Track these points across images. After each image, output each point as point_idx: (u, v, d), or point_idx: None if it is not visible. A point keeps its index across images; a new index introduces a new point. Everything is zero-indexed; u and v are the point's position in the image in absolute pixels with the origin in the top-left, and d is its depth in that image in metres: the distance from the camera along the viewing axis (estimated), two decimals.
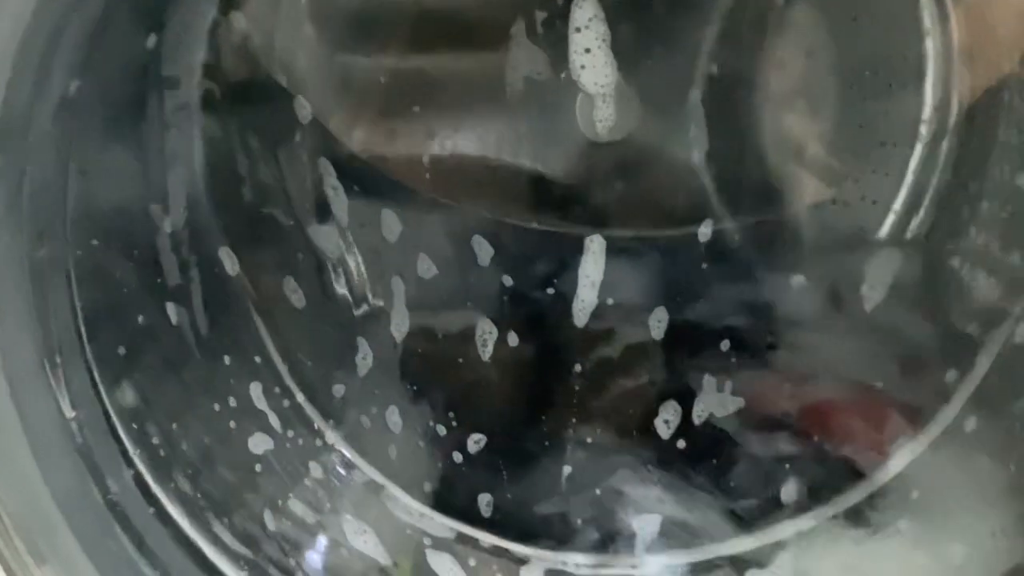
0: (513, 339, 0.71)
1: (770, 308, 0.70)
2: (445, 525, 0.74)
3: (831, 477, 0.69)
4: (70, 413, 0.56)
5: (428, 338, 0.72)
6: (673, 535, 0.71)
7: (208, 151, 0.66)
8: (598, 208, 0.69)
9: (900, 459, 0.68)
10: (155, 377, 0.63)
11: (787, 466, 0.70)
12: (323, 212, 0.71)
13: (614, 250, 0.69)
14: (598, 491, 0.72)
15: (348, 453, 0.73)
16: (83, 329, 0.58)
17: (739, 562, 0.70)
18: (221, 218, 0.68)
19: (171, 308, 0.64)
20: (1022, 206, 0.62)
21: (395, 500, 0.74)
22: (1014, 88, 0.61)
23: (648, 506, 0.72)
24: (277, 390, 0.72)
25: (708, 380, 0.70)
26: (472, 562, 0.72)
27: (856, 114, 0.65)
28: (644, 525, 0.73)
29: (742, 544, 0.70)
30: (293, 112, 0.67)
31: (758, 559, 0.70)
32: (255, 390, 0.70)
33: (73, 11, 0.49)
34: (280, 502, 0.69)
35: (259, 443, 0.69)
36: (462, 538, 0.73)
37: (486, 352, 0.71)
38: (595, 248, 0.68)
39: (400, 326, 0.71)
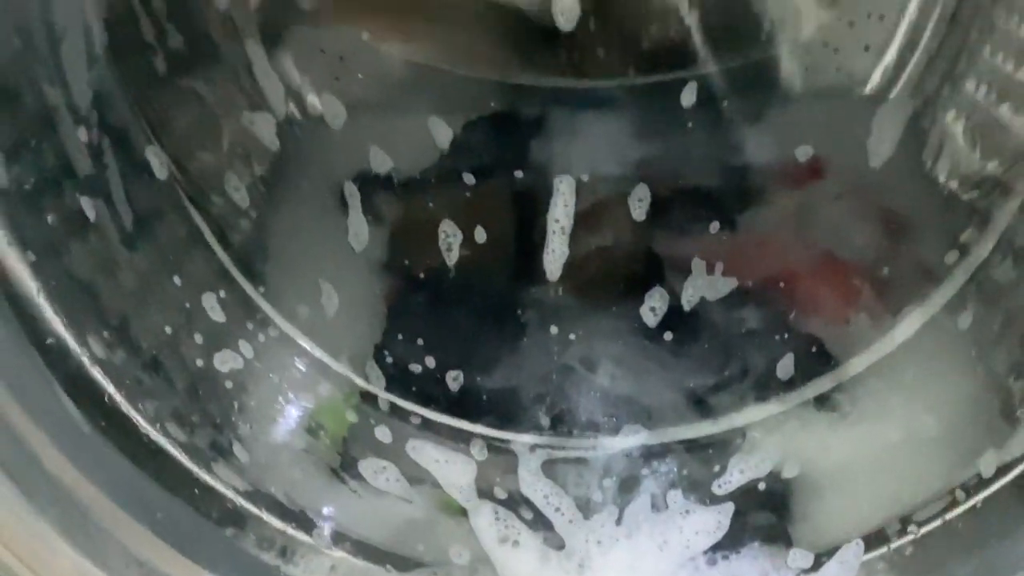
0: (481, 236, 0.65)
1: (758, 173, 0.65)
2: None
3: (802, 361, 0.67)
4: None
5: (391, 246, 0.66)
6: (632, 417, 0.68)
7: (105, 17, 0.57)
8: (574, 53, 0.62)
9: (904, 330, 0.65)
10: (78, 287, 0.56)
11: (759, 348, 0.67)
12: (256, 97, 0.63)
13: (592, 108, 0.63)
14: (552, 371, 0.69)
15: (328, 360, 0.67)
16: None
17: (694, 447, 0.68)
18: (133, 97, 0.59)
19: (86, 202, 0.56)
20: None
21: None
22: None
23: (604, 385, 0.68)
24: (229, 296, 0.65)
25: (697, 263, 0.66)
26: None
27: None
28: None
29: (701, 429, 0.68)
30: None
31: (715, 444, 0.68)
32: (208, 301, 0.63)
33: None
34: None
35: (226, 360, 0.63)
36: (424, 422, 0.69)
37: (451, 257, 0.66)
38: (564, 189, 0.63)
39: (359, 235, 0.65)
